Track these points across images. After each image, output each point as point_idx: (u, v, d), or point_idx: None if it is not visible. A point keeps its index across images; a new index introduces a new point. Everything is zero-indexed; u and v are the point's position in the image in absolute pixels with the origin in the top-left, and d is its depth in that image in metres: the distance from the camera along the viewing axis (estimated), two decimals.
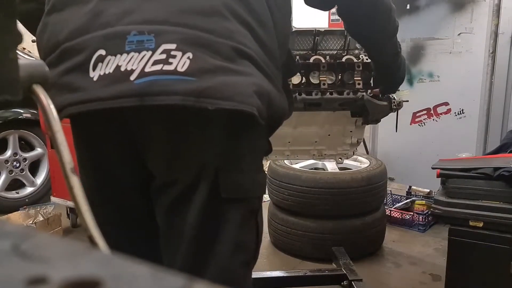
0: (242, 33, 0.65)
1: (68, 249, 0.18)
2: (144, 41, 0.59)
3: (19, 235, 0.19)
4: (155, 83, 0.58)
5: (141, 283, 0.16)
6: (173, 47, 0.59)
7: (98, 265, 0.17)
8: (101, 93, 0.61)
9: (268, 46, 0.69)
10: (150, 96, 0.59)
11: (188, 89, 0.58)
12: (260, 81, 0.65)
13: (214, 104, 0.59)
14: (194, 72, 0.59)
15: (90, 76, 0.62)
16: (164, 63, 0.59)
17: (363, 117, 1.50)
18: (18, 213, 2.45)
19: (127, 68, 0.59)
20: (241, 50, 0.63)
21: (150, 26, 0.60)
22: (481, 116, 2.67)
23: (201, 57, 0.60)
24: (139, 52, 0.59)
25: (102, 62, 0.61)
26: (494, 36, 2.57)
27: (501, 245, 1.56)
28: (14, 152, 2.91)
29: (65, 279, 0.16)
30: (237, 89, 0.61)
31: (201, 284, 0.16)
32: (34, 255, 0.17)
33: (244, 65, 0.64)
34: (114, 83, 0.60)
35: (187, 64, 0.59)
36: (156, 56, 0.59)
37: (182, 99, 0.59)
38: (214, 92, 0.60)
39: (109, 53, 0.60)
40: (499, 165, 1.61)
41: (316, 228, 2.14)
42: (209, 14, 0.63)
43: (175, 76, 0.58)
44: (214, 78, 0.60)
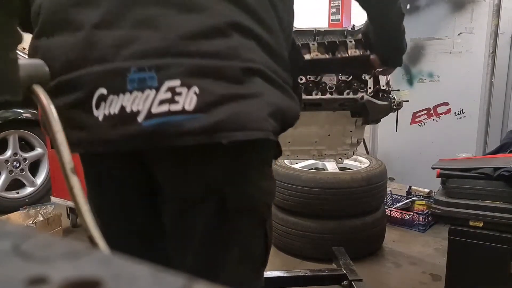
0: (247, 46, 0.61)
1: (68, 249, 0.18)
2: (146, 79, 0.56)
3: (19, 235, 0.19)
4: (165, 125, 0.56)
5: (141, 283, 0.16)
6: (178, 84, 0.56)
7: (98, 265, 0.17)
8: (109, 135, 0.59)
9: (275, 51, 0.66)
10: (161, 138, 0.57)
11: (199, 127, 0.56)
12: (272, 97, 0.62)
13: (228, 137, 0.57)
14: (203, 108, 0.56)
15: (95, 115, 0.59)
16: (170, 103, 0.56)
17: (363, 117, 1.49)
18: (18, 213, 2.44)
19: (133, 109, 0.57)
20: (249, 68, 0.60)
21: (149, 60, 0.57)
22: (481, 116, 2.67)
23: (208, 89, 0.57)
24: (142, 92, 0.56)
25: (104, 101, 0.58)
26: (494, 36, 2.57)
27: (501, 245, 1.56)
28: (14, 152, 2.91)
29: (65, 279, 0.16)
30: (250, 116, 0.59)
31: (201, 284, 0.16)
32: (34, 255, 0.17)
33: (254, 85, 0.61)
34: (121, 125, 0.57)
35: (194, 101, 0.56)
36: (161, 95, 0.56)
37: (195, 139, 0.57)
38: (227, 125, 0.57)
39: (111, 93, 0.58)
40: (499, 165, 1.61)
41: (316, 228, 2.14)
42: (209, 35, 0.59)
43: (184, 116, 0.56)
44: (225, 109, 0.57)
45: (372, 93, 1.38)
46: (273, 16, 0.67)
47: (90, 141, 0.61)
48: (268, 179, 0.72)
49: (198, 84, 0.57)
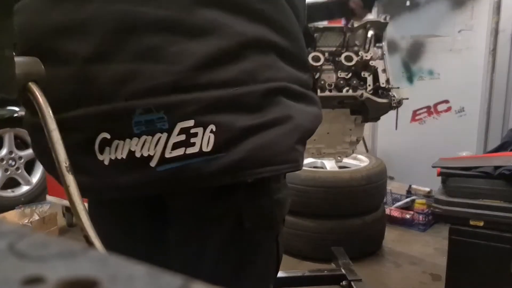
0: (266, 63, 0.54)
1: (64, 248, 0.18)
2: (154, 121, 0.49)
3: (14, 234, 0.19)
4: (182, 169, 0.51)
5: (138, 283, 0.16)
6: (191, 124, 0.49)
7: (94, 265, 0.17)
8: (120, 181, 0.53)
9: (297, 56, 0.60)
10: (179, 183, 0.52)
11: (220, 168, 0.51)
12: (299, 117, 0.56)
13: (253, 174, 0.53)
14: (222, 147, 0.51)
15: (99, 159, 0.52)
16: (186, 146, 0.50)
17: (362, 115, 1.48)
18: (13, 212, 2.43)
19: (143, 154, 0.50)
20: (269, 90, 0.53)
21: (156, 99, 0.49)
22: (482, 114, 2.66)
23: (226, 125, 0.51)
24: (152, 135, 0.50)
25: (109, 146, 0.51)
26: (495, 34, 2.56)
27: (502, 244, 1.55)
28: (10, 151, 2.89)
29: (61, 279, 0.15)
30: (275, 149, 0.54)
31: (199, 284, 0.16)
32: (29, 254, 0.17)
33: (277, 108, 0.54)
34: (132, 170, 0.51)
35: (212, 140, 0.50)
36: (174, 138, 0.50)
37: (217, 181, 0.53)
38: (250, 162, 0.52)
39: (115, 138, 0.51)
40: (499, 163, 1.60)
41: (315, 227, 2.12)
42: (221, 61, 0.51)
43: (202, 158, 0.50)
44: (246, 145, 0.52)
45: (371, 91, 1.36)
46: (291, 17, 0.59)
47: (98, 188, 0.55)
48: (283, 190, 0.67)
49: (214, 121, 0.50)
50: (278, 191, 0.64)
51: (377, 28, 1.47)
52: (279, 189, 0.65)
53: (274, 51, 0.55)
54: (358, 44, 1.45)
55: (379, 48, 1.46)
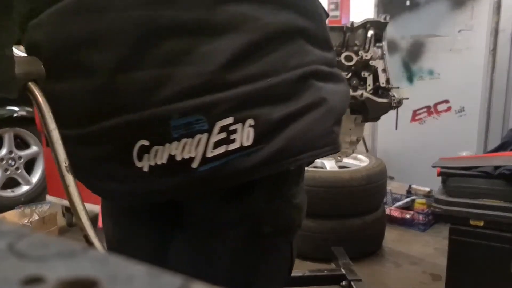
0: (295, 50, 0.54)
1: (64, 248, 0.18)
2: (192, 123, 0.49)
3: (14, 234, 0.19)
4: (224, 167, 0.50)
5: (138, 283, 0.16)
6: (231, 121, 0.49)
7: (94, 265, 0.17)
8: (161, 184, 0.52)
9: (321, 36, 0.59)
10: (223, 180, 0.52)
11: (262, 159, 0.51)
12: (332, 98, 0.56)
13: (295, 161, 0.53)
14: (262, 139, 0.51)
15: (137, 166, 0.51)
16: (227, 143, 0.50)
17: (362, 115, 1.48)
18: (13, 212, 2.43)
19: (184, 156, 0.50)
20: (301, 75, 0.53)
21: (191, 101, 0.48)
22: (482, 114, 2.66)
23: (263, 117, 0.50)
24: (192, 138, 0.49)
25: (148, 153, 0.50)
26: (495, 33, 2.56)
27: (502, 244, 1.55)
28: (9, 150, 2.89)
29: (61, 279, 0.15)
30: (314, 133, 0.54)
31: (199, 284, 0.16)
32: (29, 254, 0.17)
33: (310, 92, 0.54)
34: (173, 174, 0.51)
35: (252, 134, 0.50)
36: (214, 137, 0.49)
37: (260, 172, 0.52)
38: (292, 150, 0.52)
39: (154, 144, 0.50)
40: (499, 163, 1.60)
41: (315, 227, 2.12)
42: (250, 56, 0.51)
43: (243, 152, 0.50)
44: (286, 133, 0.52)
45: (371, 91, 1.36)
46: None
47: (135, 194, 0.55)
48: (301, 193, 0.67)
49: (252, 115, 0.50)
50: (297, 195, 0.64)
51: (377, 28, 1.47)
52: (298, 193, 0.65)
53: (301, 36, 0.55)
54: (358, 44, 1.45)
55: (379, 48, 1.46)
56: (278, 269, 0.68)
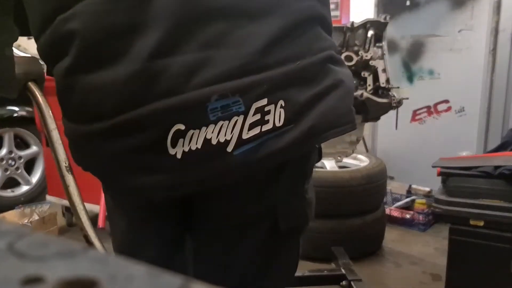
0: (316, 35, 0.57)
1: (64, 248, 0.18)
2: (230, 105, 0.50)
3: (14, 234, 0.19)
4: (259, 148, 0.52)
5: (138, 283, 0.16)
6: (265, 103, 0.51)
7: (94, 265, 0.17)
8: (195, 174, 0.52)
9: (330, 23, 0.63)
10: (257, 163, 0.53)
11: (294, 138, 0.53)
12: (348, 80, 0.60)
13: (323, 139, 0.56)
14: (292, 119, 0.53)
15: (170, 153, 0.51)
16: (261, 124, 0.51)
17: (362, 115, 1.48)
18: (13, 212, 2.43)
19: (220, 140, 0.50)
20: (323, 59, 0.56)
21: (230, 83, 0.49)
22: (482, 114, 2.66)
23: (293, 98, 0.53)
24: (229, 120, 0.50)
25: (183, 138, 0.50)
26: (495, 33, 2.56)
27: (502, 244, 1.55)
28: (9, 150, 2.89)
29: (60, 279, 0.15)
30: (337, 112, 0.57)
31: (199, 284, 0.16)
32: (29, 254, 0.17)
33: (329, 75, 0.57)
34: (209, 160, 0.51)
35: (283, 115, 0.52)
36: (250, 119, 0.51)
37: (294, 151, 0.54)
38: (319, 128, 0.55)
39: (190, 127, 0.50)
40: (499, 163, 1.60)
41: (315, 227, 2.12)
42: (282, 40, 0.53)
43: (276, 132, 0.52)
44: (314, 113, 0.54)
45: (371, 91, 1.36)
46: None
47: (169, 185, 0.54)
48: (312, 189, 0.69)
49: (283, 97, 0.52)
50: (309, 191, 0.66)
51: (377, 28, 1.47)
52: (310, 189, 0.67)
53: (320, 22, 0.59)
54: (358, 44, 1.45)
55: (379, 48, 1.46)
56: (288, 266, 0.70)
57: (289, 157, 0.55)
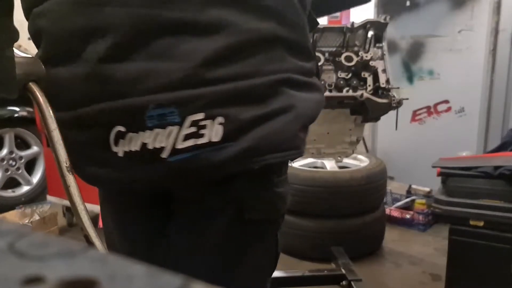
0: (271, 57, 0.57)
1: (64, 248, 0.18)
2: (166, 115, 0.52)
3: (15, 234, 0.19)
4: (192, 160, 0.53)
5: (138, 282, 0.16)
6: (201, 117, 0.52)
7: (94, 265, 0.17)
8: (135, 173, 0.56)
9: (301, 46, 0.62)
10: (190, 174, 0.55)
11: (229, 156, 0.54)
12: (302, 106, 0.59)
13: (260, 161, 0.56)
14: (230, 137, 0.53)
15: (114, 151, 0.55)
16: (195, 137, 0.53)
17: (362, 115, 1.48)
18: (14, 212, 2.44)
19: (155, 146, 0.53)
20: (274, 81, 0.56)
21: (168, 94, 0.52)
22: (482, 114, 2.66)
23: (233, 116, 0.53)
24: (164, 128, 0.53)
25: (123, 138, 0.54)
26: (495, 33, 2.56)
27: (502, 245, 1.55)
28: (10, 151, 2.89)
29: (60, 279, 0.15)
30: (279, 137, 0.56)
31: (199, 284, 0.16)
32: (30, 254, 0.17)
33: (281, 98, 0.57)
34: (145, 163, 0.55)
35: (220, 131, 0.53)
36: (184, 130, 0.53)
37: (226, 169, 0.55)
38: (257, 150, 0.55)
39: (129, 130, 0.54)
40: (499, 163, 1.60)
41: (315, 227, 2.13)
42: (228, 58, 0.54)
43: (211, 148, 0.53)
44: (253, 134, 0.54)
45: (371, 91, 1.36)
46: (297, 7, 0.61)
47: (112, 179, 0.58)
48: (285, 184, 0.68)
49: (222, 113, 0.53)
50: (280, 184, 0.66)
51: (377, 28, 1.47)
52: (281, 183, 0.67)
53: (281, 45, 0.58)
54: (358, 45, 1.45)
55: (379, 48, 1.46)
56: (262, 259, 0.69)
57: (226, 173, 0.56)
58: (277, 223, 0.69)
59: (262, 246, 0.68)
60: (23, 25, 0.66)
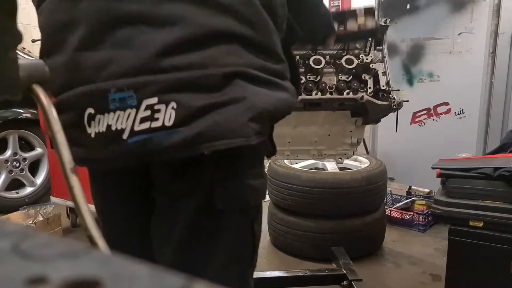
0: (227, 51, 0.61)
1: (68, 249, 0.18)
2: (126, 98, 0.58)
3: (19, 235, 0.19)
4: (147, 142, 0.58)
5: (141, 283, 0.16)
6: (155, 101, 0.58)
7: (97, 265, 0.17)
8: (100, 154, 0.62)
9: (263, 46, 0.65)
10: (145, 155, 0.59)
11: (180, 140, 0.58)
12: (255, 99, 0.61)
13: (210, 147, 0.59)
14: (182, 122, 0.58)
15: (88, 132, 0.62)
16: (151, 120, 0.58)
17: (363, 117, 1.49)
18: (18, 213, 2.44)
19: (117, 127, 0.59)
20: (228, 73, 0.60)
21: (127, 80, 0.58)
22: (481, 116, 2.67)
23: (186, 103, 0.58)
24: (123, 110, 0.59)
25: (94, 120, 0.61)
26: (494, 36, 2.57)
27: (501, 245, 1.56)
28: (14, 152, 2.91)
29: (64, 279, 0.16)
30: (229, 125, 0.59)
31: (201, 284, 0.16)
32: (33, 255, 0.17)
33: (233, 89, 0.60)
34: (110, 143, 0.60)
35: (173, 116, 0.58)
36: (141, 113, 0.58)
37: (178, 153, 0.59)
38: (207, 136, 0.58)
39: (97, 112, 0.61)
40: (499, 165, 1.61)
41: (316, 228, 2.14)
42: (183, 48, 0.58)
43: (164, 131, 0.58)
44: (204, 120, 0.58)
45: (372, 93, 1.37)
46: (259, 9, 0.64)
47: (86, 158, 0.64)
48: (258, 177, 0.71)
49: (175, 99, 0.58)
50: (252, 177, 0.69)
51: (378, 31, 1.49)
52: (254, 175, 0.70)
53: (237, 40, 0.62)
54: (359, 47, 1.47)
55: (379, 51, 1.48)
56: (236, 250, 0.71)
57: (179, 156, 0.59)
58: (250, 214, 0.71)
59: (235, 236, 0.70)
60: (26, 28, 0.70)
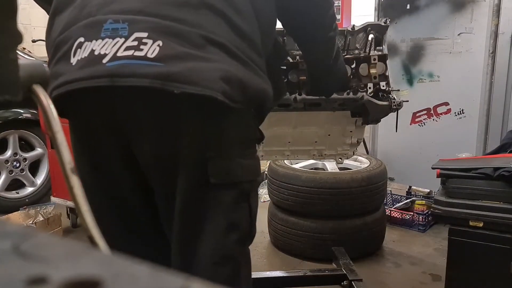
0: (213, 22, 0.68)
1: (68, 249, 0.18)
2: (118, 29, 0.65)
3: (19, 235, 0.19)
4: (126, 66, 0.63)
5: (141, 283, 0.16)
6: (145, 36, 0.64)
7: (98, 265, 0.17)
8: (77, 74, 0.66)
9: (247, 34, 0.72)
10: (120, 77, 0.63)
11: (156, 73, 0.62)
12: (229, 67, 0.67)
13: (180, 88, 0.63)
14: (162, 58, 0.63)
15: (71, 62, 0.68)
16: (135, 49, 0.63)
17: (363, 117, 1.50)
18: (18, 213, 2.44)
19: (101, 52, 0.64)
20: (211, 39, 0.67)
21: (125, 15, 0.65)
22: (481, 116, 2.67)
23: (170, 45, 0.64)
24: (113, 39, 0.64)
25: (80, 48, 0.67)
26: (494, 36, 2.58)
27: (501, 245, 1.56)
28: (14, 152, 2.91)
29: (65, 279, 0.16)
30: (202, 75, 0.65)
31: (199, 283, 0.16)
32: (34, 255, 0.17)
33: (213, 53, 0.67)
34: (88, 66, 0.65)
35: (156, 51, 0.63)
36: (128, 42, 0.64)
37: (150, 82, 0.62)
38: (180, 77, 0.63)
39: (86, 40, 0.66)
40: (499, 165, 1.61)
41: (316, 228, 2.14)
42: (181, 5, 0.67)
43: (144, 61, 0.63)
44: (182, 64, 0.64)
45: (372, 93, 1.37)
46: (247, 5, 0.73)
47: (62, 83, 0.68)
48: (250, 158, 0.77)
49: (163, 40, 0.64)
50: (242, 156, 0.74)
51: (378, 31, 1.49)
52: (245, 155, 0.75)
53: (224, 19, 0.69)
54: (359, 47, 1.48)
55: (379, 51, 1.48)
56: (233, 221, 0.75)
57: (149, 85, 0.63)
58: (244, 189, 0.75)
59: (232, 208, 0.74)
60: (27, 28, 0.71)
